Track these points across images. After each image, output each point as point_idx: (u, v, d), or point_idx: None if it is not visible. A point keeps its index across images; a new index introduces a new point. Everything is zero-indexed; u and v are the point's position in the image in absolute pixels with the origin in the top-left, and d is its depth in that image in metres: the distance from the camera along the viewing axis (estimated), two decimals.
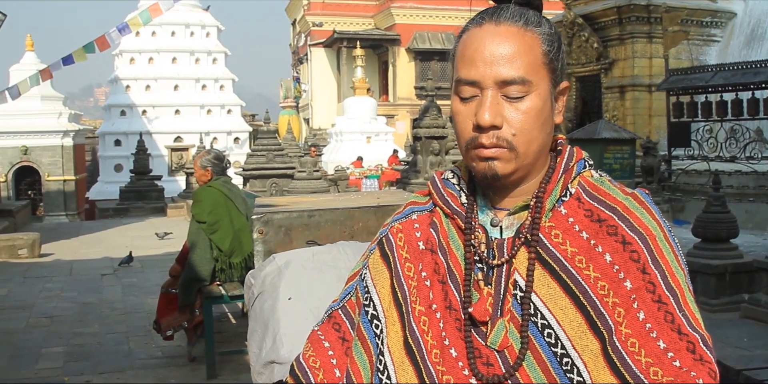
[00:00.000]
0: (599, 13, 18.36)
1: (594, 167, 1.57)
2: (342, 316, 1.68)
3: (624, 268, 1.38)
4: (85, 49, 12.68)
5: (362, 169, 27.71)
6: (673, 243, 1.43)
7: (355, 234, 2.63)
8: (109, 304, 9.38)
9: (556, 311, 1.40)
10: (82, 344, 7.53)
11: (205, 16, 38.65)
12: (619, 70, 18.26)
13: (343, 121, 34.47)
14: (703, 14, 18.51)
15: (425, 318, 1.50)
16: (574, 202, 1.48)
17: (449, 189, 1.61)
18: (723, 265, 8.08)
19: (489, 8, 1.50)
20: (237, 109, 38.76)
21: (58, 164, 32.43)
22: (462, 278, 1.50)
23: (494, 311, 1.45)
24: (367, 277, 1.64)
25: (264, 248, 2.57)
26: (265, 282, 2.28)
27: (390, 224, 1.67)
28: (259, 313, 2.27)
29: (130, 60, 37.29)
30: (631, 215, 1.43)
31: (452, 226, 1.57)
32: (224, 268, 6.42)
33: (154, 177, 26.23)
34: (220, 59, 38.45)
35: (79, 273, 11.98)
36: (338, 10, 48.51)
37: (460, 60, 1.48)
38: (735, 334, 7.05)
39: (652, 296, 1.36)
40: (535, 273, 1.43)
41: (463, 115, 1.47)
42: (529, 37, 1.44)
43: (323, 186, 14.96)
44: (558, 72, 1.49)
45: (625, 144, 13.18)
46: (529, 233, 1.46)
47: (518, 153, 1.43)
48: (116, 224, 20.07)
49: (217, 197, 6.56)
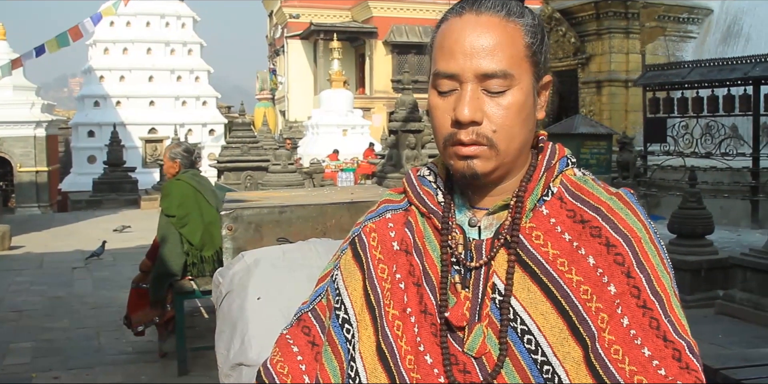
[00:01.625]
0: (577, 8, 18.39)
1: (577, 165, 1.50)
2: (312, 319, 1.60)
3: (608, 272, 1.32)
4: (59, 41, 12.53)
5: (338, 162, 27.64)
6: (659, 245, 1.37)
7: (328, 231, 2.55)
8: (79, 299, 9.26)
9: (536, 316, 1.33)
10: (51, 339, 7.43)
11: (181, 6, 38.34)
12: (596, 65, 18.29)
13: (320, 114, 34.37)
14: (680, 10, 18.58)
15: (399, 322, 1.43)
16: (556, 202, 1.42)
17: (425, 187, 1.53)
18: (698, 261, 8.11)
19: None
20: (212, 100, 38.50)
21: (30, 155, 32.07)
22: (438, 281, 1.43)
23: (472, 316, 1.38)
24: (338, 278, 1.57)
25: (233, 245, 2.50)
26: (233, 281, 2.21)
27: (363, 223, 1.59)
28: (227, 313, 2.20)
29: (104, 50, 36.93)
30: (615, 216, 1.36)
31: (428, 226, 1.49)
32: (195, 262, 6.33)
33: (127, 169, 26.01)
34: (196, 50, 38.16)
35: (50, 266, 11.85)
36: (315, 2, 48.36)
37: (438, 51, 1.40)
38: (710, 331, 7.05)
39: (636, 301, 1.29)
40: (515, 276, 1.37)
41: (441, 109, 1.39)
42: (512, 28, 1.37)
43: (298, 179, 14.87)
44: (541, 65, 1.42)
45: (602, 139, 13.19)
46: (508, 234, 1.39)
47: (499, 150, 1.36)
48: (89, 216, 19.88)
49: (185, 190, 6.47)
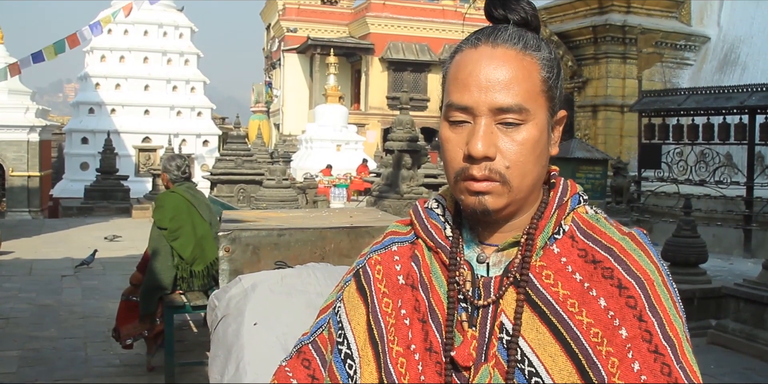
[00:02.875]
0: (575, 32, 18.44)
1: (588, 202, 1.47)
2: (312, 351, 1.56)
3: (619, 315, 1.29)
4: (56, 48, 12.51)
5: (331, 178, 27.62)
6: (671, 288, 1.35)
7: (326, 255, 2.52)
8: (67, 308, 9.19)
9: (544, 358, 1.30)
10: (37, 349, 7.36)
11: (179, 16, 38.35)
12: (593, 89, 18.33)
13: (314, 128, 34.41)
14: (677, 37, 18.64)
15: (403, 359, 1.40)
16: (568, 241, 1.39)
17: (433, 220, 1.50)
18: (691, 290, 8.09)
19: (486, 28, 1.40)
20: (207, 111, 38.45)
21: (23, 159, 31.92)
22: (444, 318, 1.40)
23: (478, 355, 1.35)
24: (341, 311, 1.53)
25: (230, 267, 2.46)
26: (229, 305, 2.17)
27: (368, 255, 1.56)
28: (222, 338, 2.16)
29: (101, 57, 36.89)
30: (628, 257, 1.34)
31: (435, 261, 1.46)
32: (185, 277, 6.28)
33: (120, 177, 25.94)
34: (193, 61, 38.14)
35: (39, 273, 11.76)
36: (313, 17, 48.58)
37: (452, 83, 1.37)
38: (702, 361, 6.92)
39: (648, 346, 1.27)
40: (524, 316, 1.34)
41: (453, 142, 1.36)
42: (528, 61, 1.35)
43: (292, 195, 14.81)
44: (556, 100, 1.40)
45: (597, 164, 13.20)
46: (518, 272, 1.36)
47: (511, 187, 1.33)
48: (80, 223, 19.78)
49: (179, 203, 6.42)
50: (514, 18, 1.39)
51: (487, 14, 1.43)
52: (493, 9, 1.41)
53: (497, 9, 1.41)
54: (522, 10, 1.40)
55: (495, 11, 1.41)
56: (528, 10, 1.40)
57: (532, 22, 1.41)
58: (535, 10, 1.41)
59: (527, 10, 1.40)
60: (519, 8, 1.40)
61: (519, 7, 1.40)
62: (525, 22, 1.40)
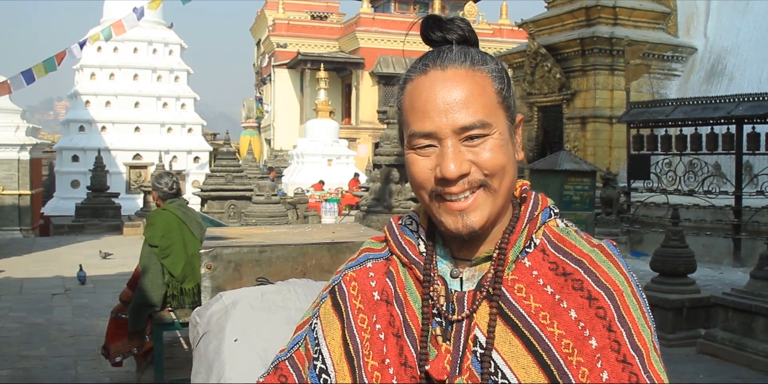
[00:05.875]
0: (563, 44, 18.54)
1: (559, 216, 1.49)
2: (289, 367, 1.56)
3: (590, 326, 1.31)
4: (46, 65, 12.51)
5: (322, 192, 27.61)
6: (640, 298, 1.36)
7: (308, 271, 2.54)
8: (58, 326, 9.16)
9: (517, 370, 1.32)
10: (28, 368, 7.34)
11: (169, 33, 38.37)
12: (581, 101, 18.40)
13: (305, 143, 34.39)
14: (664, 48, 18.74)
15: (378, 373, 1.41)
16: (539, 254, 1.41)
17: (407, 236, 1.52)
18: (680, 300, 8.10)
19: (429, 53, 1.42)
20: (198, 127, 38.43)
21: (13, 178, 31.83)
22: (419, 333, 1.41)
23: (452, 369, 1.37)
24: (317, 327, 1.55)
25: (212, 284, 2.48)
26: (210, 321, 2.19)
27: (343, 271, 1.57)
28: (204, 354, 2.18)
29: (91, 75, 36.87)
30: (597, 269, 1.36)
31: (410, 277, 1.48)
32: (176, 294, 6.27)
33: (111, 194, 25.90)
34: (183, 77, 38.14)
35: (29, 292, 11.73)
36: (303, 32, 48.67)
37: (410, 112, 1.39)
38: (691, 370, 7.04)
39: (616, 356, 1.28)
40: (497, 329, 1.35)
41: (421, 166, 1.38)
42: (479, 77, 1.37)
43: (282, 211, 14.81)
44: (512, 108, 1.42)
45: (586, 176, 13.22)
46: (491, 287, 1.38)
47: (493, 189, 1.36)
48: (71, 242, 19.73)
49: (170, 221, 6.42)
50: (452, 37, 1.42)
51: (425, 38, 1.45)
52: (431, 32, 1.44)
53: (434, 32, 1.43)
54: (458, 28, 1.42)
55: (432, 34, 1.43)
56: (464, 26, 1.42)
57: (470, 38, 1.43)
58: (470, 26, 1.44)
59: (463, 28, 1.42)
60: (455, 27, 1.42)
61: (455, 26, 1.42)
62: (464, 40, 1.42)
